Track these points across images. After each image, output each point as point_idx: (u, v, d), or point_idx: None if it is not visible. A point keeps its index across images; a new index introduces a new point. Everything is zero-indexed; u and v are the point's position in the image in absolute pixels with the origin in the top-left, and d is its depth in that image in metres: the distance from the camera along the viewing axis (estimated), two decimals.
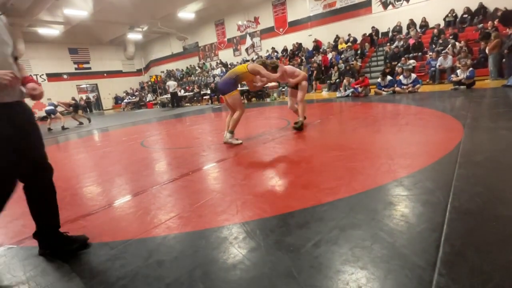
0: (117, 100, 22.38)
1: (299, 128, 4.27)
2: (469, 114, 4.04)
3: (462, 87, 7.25)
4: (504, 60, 7.87)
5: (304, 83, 4.39)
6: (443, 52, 9.30)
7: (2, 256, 1.64)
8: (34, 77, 19.38)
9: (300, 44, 15.04)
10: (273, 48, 16.22)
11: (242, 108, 3.88)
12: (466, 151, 2.50)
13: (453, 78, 7.52)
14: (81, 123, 9.87)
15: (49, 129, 8.95)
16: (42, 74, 19.71)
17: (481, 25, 9.76)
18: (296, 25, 15.74)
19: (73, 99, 11.54)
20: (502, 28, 8.48)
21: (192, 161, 3.38)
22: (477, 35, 9.73)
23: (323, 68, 12.55)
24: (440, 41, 10.19)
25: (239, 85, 4.04)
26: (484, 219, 1.45)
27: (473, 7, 10.52)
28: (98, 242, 1.67)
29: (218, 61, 18.98)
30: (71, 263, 1.49)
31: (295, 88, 4.50)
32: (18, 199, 2.70)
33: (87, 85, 22.40)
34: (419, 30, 11.76)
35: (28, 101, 1.50)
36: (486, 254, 1.19)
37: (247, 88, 12.60)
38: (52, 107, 9.21)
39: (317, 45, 14.21)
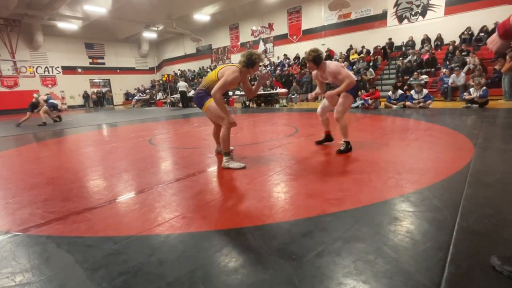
0: (128, 96, 22.71)
1: (343, 151, 3.30)
2: (481, 133, 3.98)
3: (474, 105, 7.16)
4: None
5: (347, 95, 3.27)
6: (455, 68, 9.23)
7: (8, 243, 1.66)
8: (50, 69, 19.89)
9: None
10: (285, 55, 16.31)
11: (225, 118, 2.93)
12: (476, 171, 2.46)
13: (466, 96, 7.43)
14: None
15: (44, 123, 8.73)
16: (58, 67, 20.14)
17: None
18: (310, 33, 15.81)
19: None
20: None
21: (199, 162, 3.40)
22: (493, 54, 9.63)
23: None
24: (456, 58, 10.12)
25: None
26: (492, 242, 1.42)
27: (490, 26, 10.44)
28: (102, 235, 1.69)
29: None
30: (75, 254, 1.50)
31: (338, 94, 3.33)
32: (27, 187, 2.76)
33: (100, 80, 22.80)
34: (433, 45, 11.71)
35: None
36: (493, 278, 1.16)
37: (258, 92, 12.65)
38: (55, 101, 9.26)
39: (330, 54, 14.23)
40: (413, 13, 12.49)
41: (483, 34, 10.60)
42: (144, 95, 20.27)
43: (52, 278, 1.32)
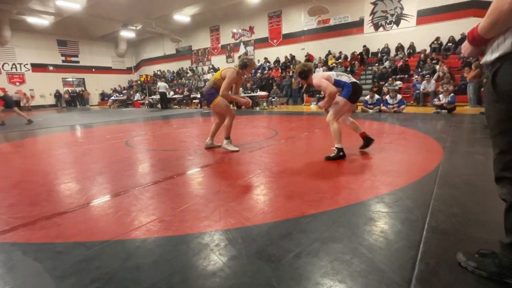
0: (104, 96, 21.90)
1: (332, 158, 3.19)
2: (449, 137, 4.21)
3: (443, 111, 7.57)
4: (483, 88, 8.30)
5: (338, 99, 3.28)
6: (426, 76, 9.74)
7: None
8: (18, 66, 18.81)
9: (294, 56, 15.34)
10: (265, 58, 16.44)
11: (231, 113, 3.83)
12: (444, 173, 2.60)
13: (436, 102, 7.85)
14: (30, 121, 8.58)
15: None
16: (27, 64, 19.08)
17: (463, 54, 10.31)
18: (290, 37, 16.07)
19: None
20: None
21: (177, 164, 3.34)
22: (460, 63, 10.25)
23: None
24: (427, 65, 10.68)
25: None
26: (459, 240, 1.50)
27: (457, 37, 11.11)
28: (74, 241, 1.61)
29: (210, 66, 19.02)
30: (43, 261, 1.43)
31: None
32: None
33: (74, 79, 21.84)
34: (406, 53, 12.28)
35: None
36: (459, 274, 1.23)
37: None
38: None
39: (309, 59, 14.52)
40: (388, 21, 13.05)
41: (450, 44, 11.26)
42: (121, 95, 19.65)
43: None
